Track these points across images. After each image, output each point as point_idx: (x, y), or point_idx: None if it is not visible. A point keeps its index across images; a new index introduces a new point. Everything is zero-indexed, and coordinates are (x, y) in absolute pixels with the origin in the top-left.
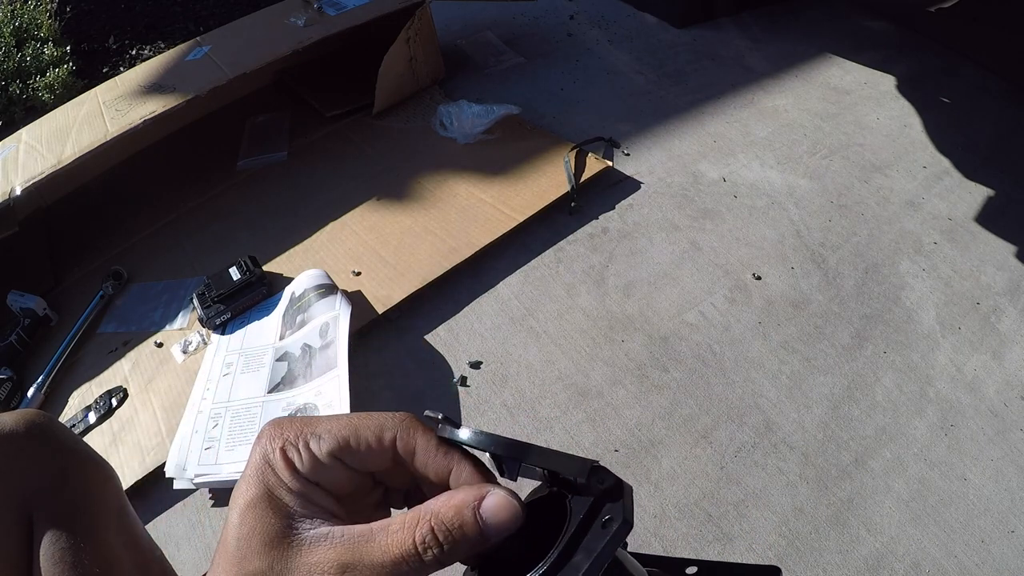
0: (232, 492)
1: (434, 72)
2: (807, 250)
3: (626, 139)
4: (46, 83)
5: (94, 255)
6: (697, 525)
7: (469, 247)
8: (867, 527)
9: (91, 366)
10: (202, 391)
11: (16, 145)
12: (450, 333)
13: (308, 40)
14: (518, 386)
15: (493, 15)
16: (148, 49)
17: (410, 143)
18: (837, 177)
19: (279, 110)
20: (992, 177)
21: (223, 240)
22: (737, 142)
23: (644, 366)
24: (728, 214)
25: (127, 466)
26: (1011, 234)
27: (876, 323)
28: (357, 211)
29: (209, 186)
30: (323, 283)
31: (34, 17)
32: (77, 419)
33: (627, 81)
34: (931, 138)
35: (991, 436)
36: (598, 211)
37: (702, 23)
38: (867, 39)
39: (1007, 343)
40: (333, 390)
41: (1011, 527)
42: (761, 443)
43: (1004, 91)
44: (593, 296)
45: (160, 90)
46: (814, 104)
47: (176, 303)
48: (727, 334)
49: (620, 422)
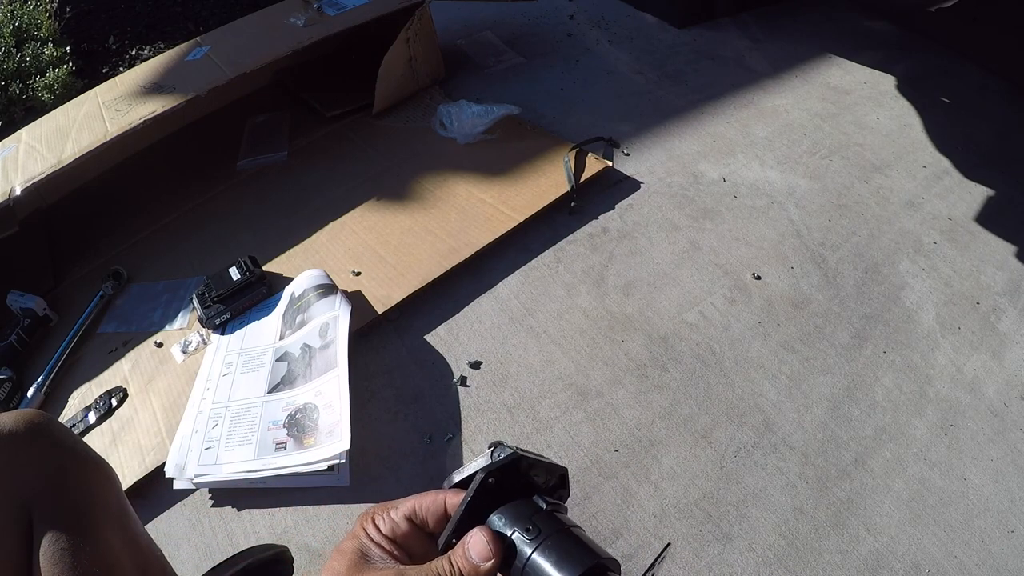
0: (334, 548)
1: (434, 72)
2: (807, 250)
3: (626, 139)
4: (46, 83)
5: (94, 255)
6: (697, 525)
7: (469, 247)
8: (867, 527)
9: (91, 366)
10: (202, 391)
11: (16, 145)
12: (450, 333)
13: (308, 40)
14: (518, 386)
15: (493, 15)
16: (148, 49)
17: (410, 143)
18: (837, 177)
19: (279, 110)
20: (992, 177)
21: (223, 240)
22: (737, 142)
23: (644, 366)
24: (728, 214)
25: (127, 466)
26: (1011, 234)
27: (876, 323)
28: (357, 211)
29: (209, 186)
30: (323, 283)
31: (34, 17)
32: (77, 419)
33: (627, 81)
34: (931, 138)
35: (991, 436)
36: (598, 211)
37: (702, 23)
38: (867, 39)
39: (1007, 343)
40: (333, 390)
41: (1011, 527)
42: (761, 443)
43: (1004, 91)
44: (593, 296)
45: (160, 90)
46: (814, 104)
47: (176, 303)
48: (727, 334)
49: (620, 422)
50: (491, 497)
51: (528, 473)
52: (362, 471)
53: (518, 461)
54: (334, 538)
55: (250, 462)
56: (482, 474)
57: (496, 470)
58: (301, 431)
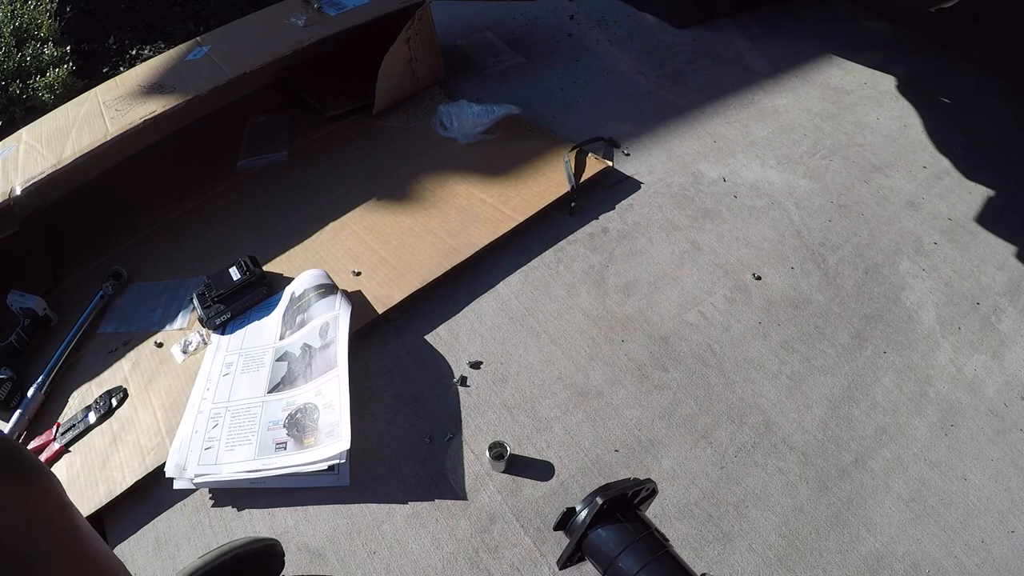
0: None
1: (434, 72)
2: (807, 250)
3: (626, 139)
4: (46, 83)
5: (94, 255)
6: (697, 525)
7: (469, 247)
8: (867, 527)
9: (91, 366)
10: (202, 391)
11: (16, 145)
12: (450, 333)
13: (308, 40)
14: (518, 386)
15: (493, 15)
16: (148, 49)
17: (410, 143)
18: (837, 177)
19: (279, 110)
20: (992, 177)
21: (223, 240)
22: (737, 142)
23: (644, 366)
24: (728, 214)
25: (127, 466)
26: (1011, 234)
27: (876, 323)
28: (357, 211)
29: (209, 186)
30: (323, 283)
31: (34, 17)
32: (77, 419)
33: (627, 81)
34: (931, 138)
35: (991, 436)
36: (598, 211)
37: (702, 23)
38: (867, 39)
39: (1007, 343)
40: (333, 390)
41: (1011, 527)
42: (761, 443)
43: (1004, 91)
44: (593, 296)
45: (160, 90)
46: (814, 104)
47: (176, 303)
48: (727, 334)
49: (620, 422)
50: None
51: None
52: (362, 471)
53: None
54: (334, 538)
55: (250, 462)
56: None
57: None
58: (301, 431)
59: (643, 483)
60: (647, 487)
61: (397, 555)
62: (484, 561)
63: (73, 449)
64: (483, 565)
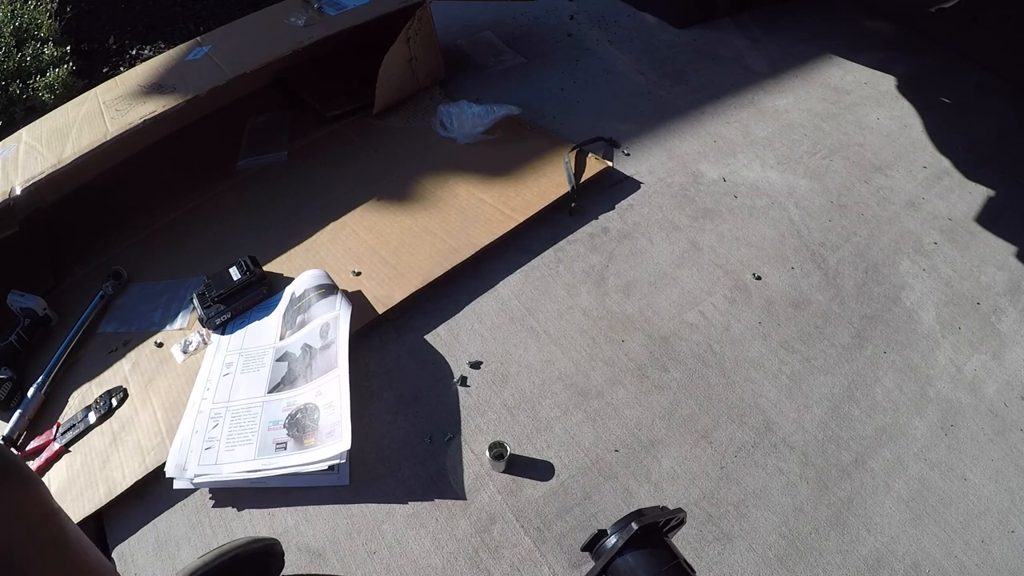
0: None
1: (434, 72)
2: (807, 250)
3: (626, 139)
4: (46, 83)
5: (94, 255)
6: (697, 525)
7: (469, 247)
8: (867, 527)
9: (91, 366)
10: (202, 391)
11: (16, 145)
12: (450, 333)
13: (308, 40)
14: (518, 386)
15: (493, 15)
16: (148, 49)
17: (410, 143)
18: (837, 177)
19: (279, 110)
20: (992, 177)
21: (223, 240)
22: (737, 142)
23: (644, 366)
24: (728, 214)
25: (127, 466)
26: (1011, 234)
27: (876, 323)
28: (357, 211)
29: (209, 186)
30: (323, 283)
31: (34, 17)
32: (77, 419)
33: (627, 81)
34: (931, 138)
35: (991, 436)
36: (598, 211)
37: (702, 23)
38: (867, 39)
39: (1007, 343)
40: (333, 390)
41: (1011, 527)
42: (761, 443)
43: (1004, 91)
44: (593, 296)
45: (160, 90)
46: (814, 104)
47: (176, 303)
48: (727, 334)
49: (620, 422)
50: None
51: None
52: (362, 471)
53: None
54: (334, 538)
55: (250, 462)
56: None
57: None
58: (301, 431)
59: (674, 512)
60: (677, 517)
61: (397, 555)
62: (484, 561)
63: (73, 449)
64: (483, 565)
